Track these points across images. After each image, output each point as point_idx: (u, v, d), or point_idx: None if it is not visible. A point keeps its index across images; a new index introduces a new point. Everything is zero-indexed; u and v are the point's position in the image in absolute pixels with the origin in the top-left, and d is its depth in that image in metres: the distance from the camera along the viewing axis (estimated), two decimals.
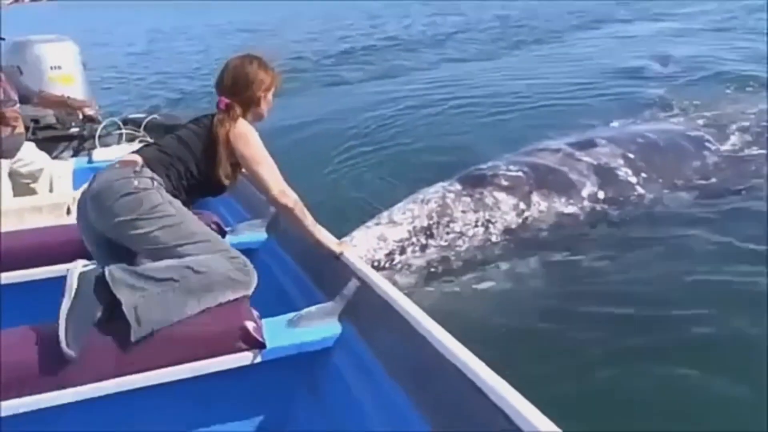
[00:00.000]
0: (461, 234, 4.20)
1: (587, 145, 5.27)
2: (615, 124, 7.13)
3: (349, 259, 2.73)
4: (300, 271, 3.06)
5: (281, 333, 2.44)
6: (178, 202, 2.57)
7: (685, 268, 4.35)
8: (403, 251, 4.01)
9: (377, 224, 4.08)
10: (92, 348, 2.20)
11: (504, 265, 4.21)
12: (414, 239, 4.06)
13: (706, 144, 5.66)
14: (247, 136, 2.69)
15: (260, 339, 2.34)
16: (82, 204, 2.60)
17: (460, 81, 10.98)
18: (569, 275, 4.24)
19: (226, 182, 2.73)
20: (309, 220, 2.76)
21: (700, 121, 6.29)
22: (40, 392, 2.12)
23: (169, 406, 2.32)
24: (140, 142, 5.38)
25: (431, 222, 4.15)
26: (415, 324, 2.15)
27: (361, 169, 7.03)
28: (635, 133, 5.71)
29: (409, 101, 9.76)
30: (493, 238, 4.29)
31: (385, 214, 4.26)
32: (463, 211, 4.27)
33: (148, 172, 2.54)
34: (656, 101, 8.22)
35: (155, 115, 5.98)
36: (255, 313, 2.42)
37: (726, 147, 5.70)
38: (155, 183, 2.52)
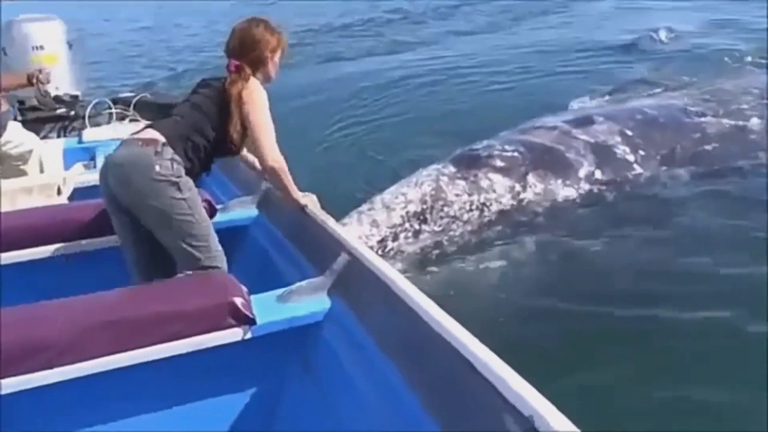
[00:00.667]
0: (456, 218, 4.12)
1: (584, 122, 5.16)
2: (614, 98, 7.03)
3: (340, 233, 2.71)
4: (290, 246, 3.05)
5: (271, 308, 2.44)
6: (195, 197, 2.74)
7: (683, 246, 4.31)
8: (396, 237, 3.94)
9: (370, 209, 4.00)
10: (83, 327, 2.22)
11: (499, 250, 4.15)
12: (407, 225, 3.99)
13: (705, 119, 5.55)
14: (253, 95, 2.79)
15: (249, 315, 2.34)
16: (103, 173, 2.76)
17: (464, 54, 10.78)
18: (566, 258, 4.19)
19: (237, 142, 2.86)
20: (289, 183, 2.89)
21: (700, 96, 6.15)
22: (32, 371, 2.13)
23: (160, 383, 2.33)
24: (131, 121, 5.38)
25: (425, 206, 4.07)
26: (405, 297, 2.13)
27: (356, 144, 6.96)
28: (633, 109, 5.59)
29: (412, 75, 9.62)
30: (489, 222, 4.22)
31: (377, 198, 4.18)
32: (458, 195, 4.19)
33: (168, 152, 2.66)
34: (656, 75, 8.08)
35: (145, 94, 5.91)
36: (243, 289, 2.43)
37: (726, 122, 5.58)
38: (175, 166, 2.66)
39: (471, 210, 4.19)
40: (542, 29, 12.68)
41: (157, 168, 2.63)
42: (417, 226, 4.02)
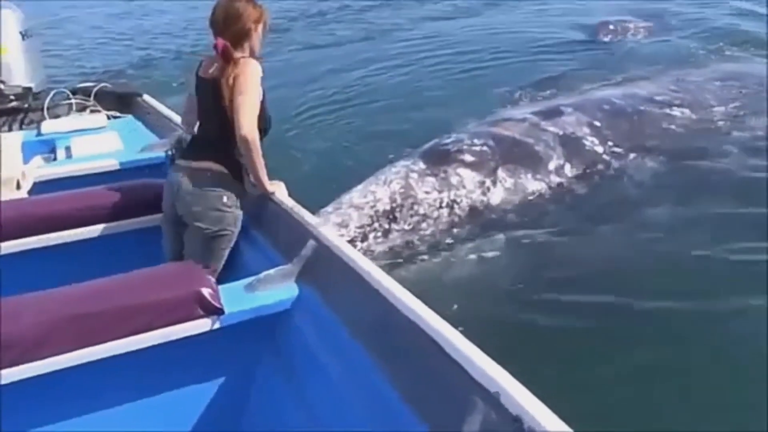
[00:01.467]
0: (426, 216, 4.03)
1: (552, 113, 5.11)
2: (579, 87, 6.99)
3: (307, 220, 2.71)
4: (257, 234, 3.06)
5: (240, 298, 2.46)
6: (237, 232, 2.98)
7: (653, 239, 4.29)
8: (365, 238, 3.84)
9: (338, 209, 3.88)
10: (50, 322, 2.20)
11: (471, 246, 4.09)
12: (377, 224, 3.88)
13: (671, 109, 5.55)
14: (247, 68, 2.88)
15: (217, 305, 2.35)
16: (170, 195, 3.01)
17: (437, 40, 10.59)
18: (537, 254, 4.15)
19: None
20: (259, 161, 2.95)
21: (664, 85, 6.14)
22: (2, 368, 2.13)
23: (130, 376, 2.33)
24: (91, 111, 5.21)
25: (394, 205, 3.97)
26: (373, 282, 2.16)
27: (325, 134, 6.84)
28: (600, 99, 5.56)
29: (382, 62, 9.46)
30: (459, 219, 4.14)
31: (346, 197, 4.07)
32: (427, 192, 4.09)
33: (234, 185, 2.93)
34: (618, 64, 8.08)
35: (105, 84, 5.67)
36: (211, 278, 2.45)
37: (690, 112, 5.58)
38: (238, 201, 2.94)
39: (441, 207, 4.10)
40: (518, 14, 12.54)
41: (225, 199, 2.91)
42: (387, 226, 3.92)
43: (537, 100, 6.24)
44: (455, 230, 4.10)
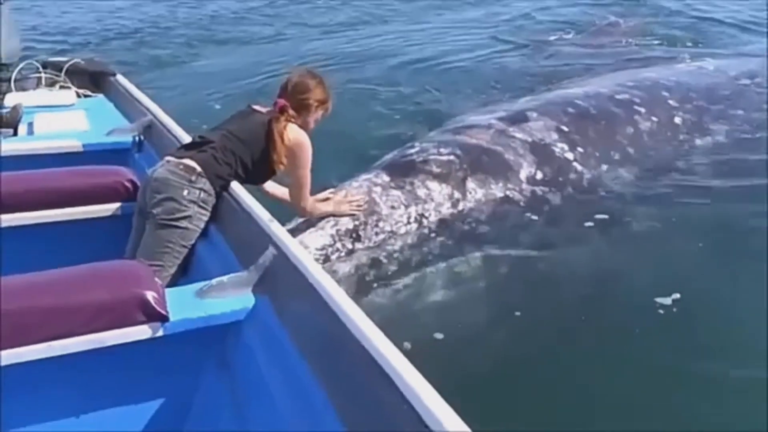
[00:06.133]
0: (392, 233, 3.70)
1: (518, 119, 4.86)
2: (541, 86, 6.85)
3: (269, 225, 2.55)
4: (215, 235, 2.92)
5: (188, 304, 2.31)
6: (194, 233, 2.95)
7: (635, 251, 4.14)
8: (327, 259, 3.49)
9: (295, 230, 3.51)
10: None
11: (442, 264, 3.80)
12: (339, 245, 3.53)
13: (637, 108, 5.37)
14: (303, 147, 3.15)
15: (162, 310, 2.20)
16: (143, 187, 3.07)
17: (393, 40, 10.39)
18: (513, 268, 3.92)
19: (269, 175, 3.26)
20: (322, 213, 3.52)
21: (624, 83, 5.95)
22: None
23: (60, 382, 2.19)
24: (61, 87, 4.97)
25: (357, 223, 3.62)
26: (329, 300, 2.05)
27: None
28: (565, 101, 5.32)
29: (349, 58, 9.20)
30: (429, 234, 3.83)
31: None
32: (393, 207, 3.76)
33: (200, 182, 2.95)
34: (578, 60, 7.98)
35: (78, 60, 5.32)
36: (157, 281, 2.31)
37: (654, 112, 5.41)
38: (202, 195, 2.95)
39: (409, 223, 3.78)
40: (469, 14, 12.36)
41: (185, 193, 2.92)
42: (350, 246, 3.57)
43: (499, 103, 6.01)
44: (425, 247, 3.79)
